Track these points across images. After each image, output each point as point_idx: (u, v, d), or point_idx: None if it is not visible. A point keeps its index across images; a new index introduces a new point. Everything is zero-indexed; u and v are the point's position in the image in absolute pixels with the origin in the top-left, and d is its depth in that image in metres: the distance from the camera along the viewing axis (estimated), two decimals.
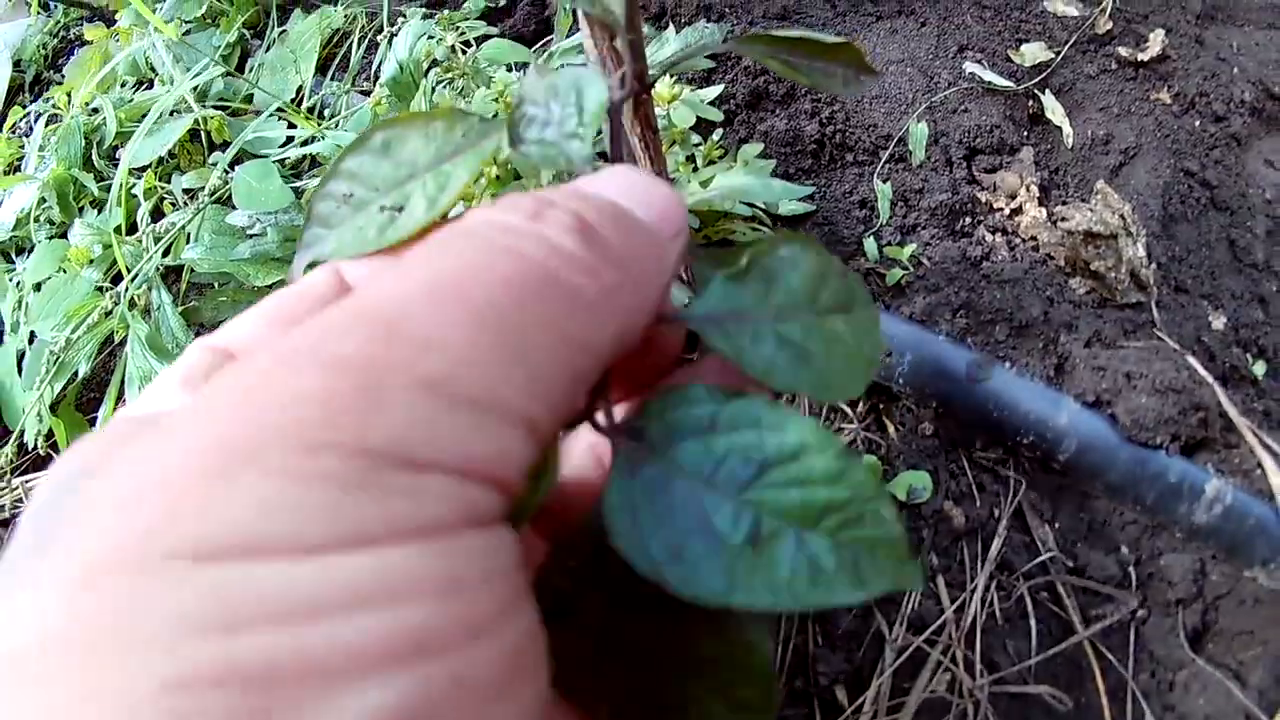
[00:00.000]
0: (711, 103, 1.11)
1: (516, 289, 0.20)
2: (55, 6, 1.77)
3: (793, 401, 0.93)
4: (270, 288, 1.03)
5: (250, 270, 1.02)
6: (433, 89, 1.15)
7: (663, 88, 1.04)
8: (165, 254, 1.06)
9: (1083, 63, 1.22)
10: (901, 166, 1.12)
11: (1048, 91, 1.19)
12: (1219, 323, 1.18)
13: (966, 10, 1.20)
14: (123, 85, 1.44)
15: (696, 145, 1.03)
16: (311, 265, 0.30)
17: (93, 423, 1.05)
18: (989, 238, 1.12)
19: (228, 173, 1.13)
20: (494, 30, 1.28)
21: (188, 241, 1.07)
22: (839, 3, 1.20)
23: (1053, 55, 1.19)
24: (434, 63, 1.19)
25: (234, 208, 1.04)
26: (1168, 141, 1.24)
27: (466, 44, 1.27)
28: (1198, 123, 1.27)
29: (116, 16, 1.61)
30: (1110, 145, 1.21)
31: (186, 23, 1.50)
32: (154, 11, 1.57)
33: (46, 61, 1.69)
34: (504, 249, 0.21)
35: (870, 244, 1.06)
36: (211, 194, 1.11)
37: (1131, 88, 1.24)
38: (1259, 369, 1.13)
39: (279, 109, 1.26)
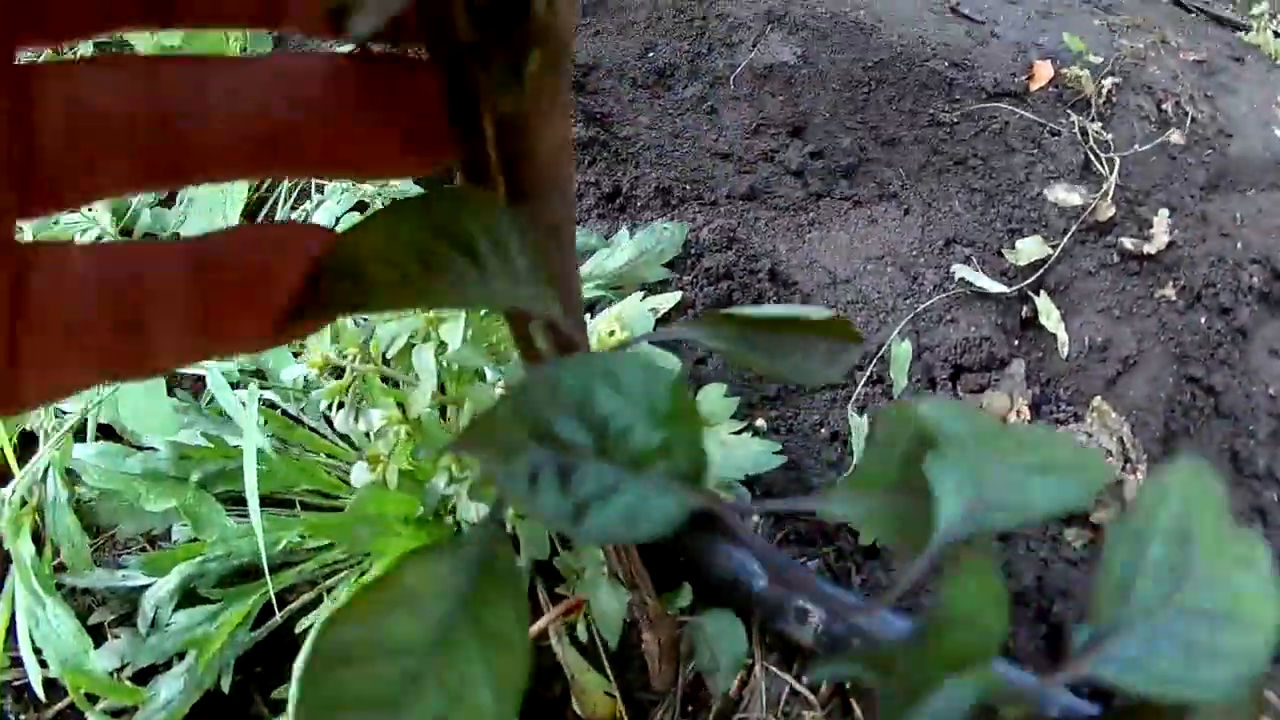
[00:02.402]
0: (667, 314, 0.97)
1: None
2: None
3: None
4: (164, 516, 0.89)
5: (142, 489, 0.87)
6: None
7: (604, 323, 0.89)
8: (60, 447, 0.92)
9: (1081, 256, 1.10)
10: (879, 390, 0.98)
11: (1043, 293, 1.06)
12: None
13: (954, 194, 1.06)
14: None
15: None
16: None
17: None
18: None
19: None
20: (419, 190, 1.13)
21: (79, 438, 0.93)
22: (810, 181, 1.05)
23: (1050, 250, 1.06)
24: None
25: None
26: (1171, 345, 1.12)
27: None
28: (1203, 319, 1.16)
29: None
30: (1108, 353, 1.08)
31: None
32: None
33: None
34: None
35: None
36: None
37: (1134, 284, 1.11)
38: None
39: None
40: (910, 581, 0.19)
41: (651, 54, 1.14)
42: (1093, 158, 1.13)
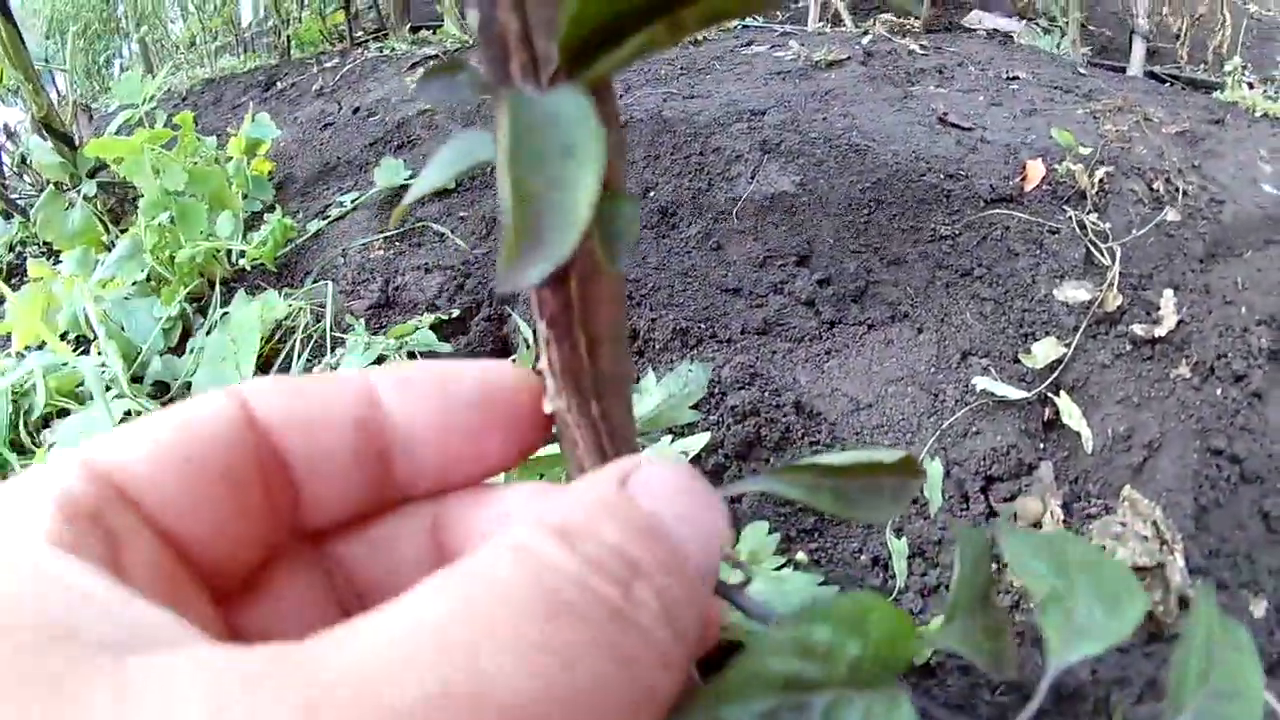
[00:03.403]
0: (698, 455, 0.99)
1: None
2: (14, 218, 1.69)
3: None
4: None
5: None
6: None
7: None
8: None
9: (1095, 350, 1.12)
10: (915, 510, 1.00)
11: (1062, 393, 1.09)
12: (1260, 610, 1.09)
13: (965, 306, 1.09)
14: (63, 337, 1.33)
15: None
16: None
17: None
18: (1019, 583, 1.00)
19: None
20: (446, 348, 1.16)
21: None
22: (823, 309, 1.08)
23: (1064, 350, 1.09)
24: None
25: None
26: (1191, 421, 1.14)
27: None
28: (1219, 390, 1.18)
29: (63, 258, 1.50)
30: (1132, 440, 1.10)
31: (131, 285, 1.40)
32: (96, 265, 1.46)
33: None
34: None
35: None
36: None
37: (1149, 369, 1.14)
38: None
39: None
40: (1038, 706, 0.25)
41: (653, 193, 1.17)
42: (1094, 249, 1.16)
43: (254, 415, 0.24)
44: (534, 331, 0.25)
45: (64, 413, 1.18)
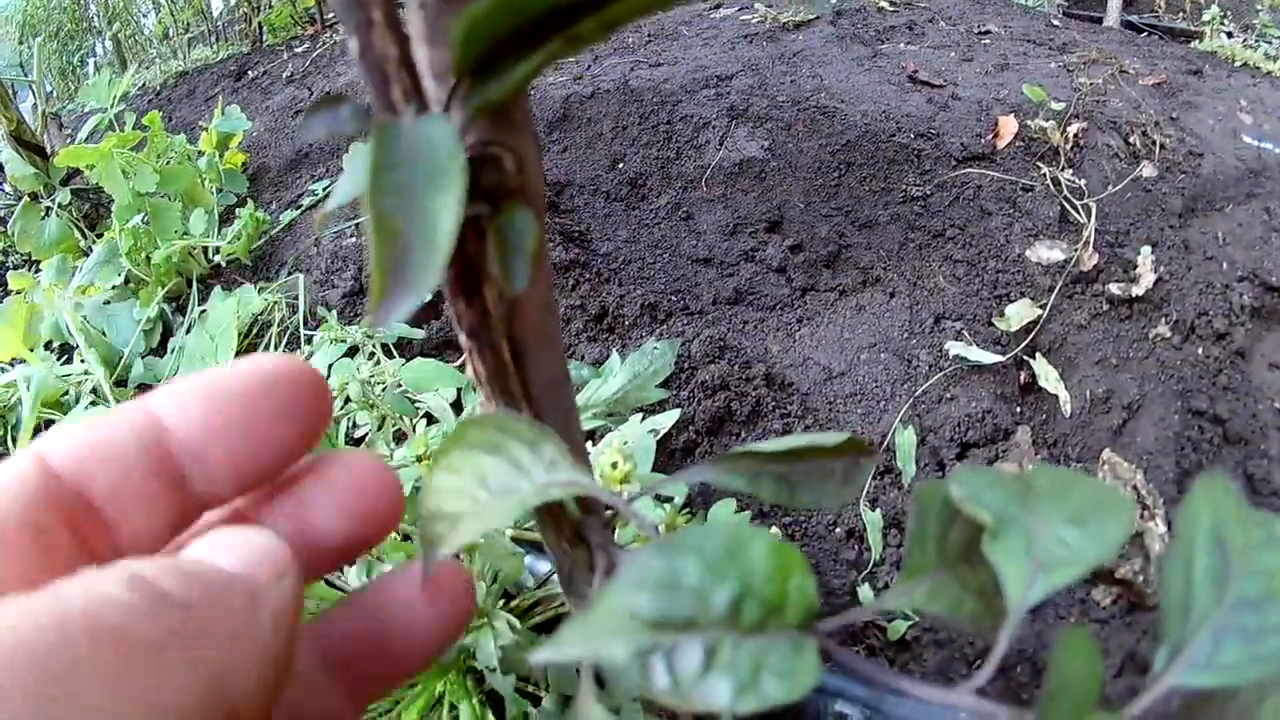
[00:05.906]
0: (669, 432, 0.98)
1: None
2: None
3: None
4: None
5: None
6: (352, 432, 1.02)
7: (607, 455, 0.89)
8: None
9: (1071, 310, 1.10)
10: (889, 480, 0.99)
11: (1038, 355, 1.07)
12: None
13: (937, 269, 1.07)
14: (46, 346, 1.32)
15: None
16: None
17: None
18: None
19: None
20: (419, 334, 1.14)
21: None
22: (793, 276, 1.06)
23: (1039, 311, 1.07)
24: (348, 399, 1.04)
25: None
26: (1172, 382, 1.12)
27: (388, 351, 1.14)
28: (1200, 349, 1.16)
29: (41, 267, 1.49)
30: (1111, 402, 1.09)
31: (109, 289, 1.39)
32: (74, 272, 1.45)
33: None
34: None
35: (866, 591, 0.93)
36: None
37: (1127, 328, 1.12)
38: None
39: None
40: (1007, 647, 0.20)
41: (621, 165, 1.15)
42: (1068, 207, 1.14)
43: (49, 466, 0.24)
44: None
45: (50, 424, 1.18)
